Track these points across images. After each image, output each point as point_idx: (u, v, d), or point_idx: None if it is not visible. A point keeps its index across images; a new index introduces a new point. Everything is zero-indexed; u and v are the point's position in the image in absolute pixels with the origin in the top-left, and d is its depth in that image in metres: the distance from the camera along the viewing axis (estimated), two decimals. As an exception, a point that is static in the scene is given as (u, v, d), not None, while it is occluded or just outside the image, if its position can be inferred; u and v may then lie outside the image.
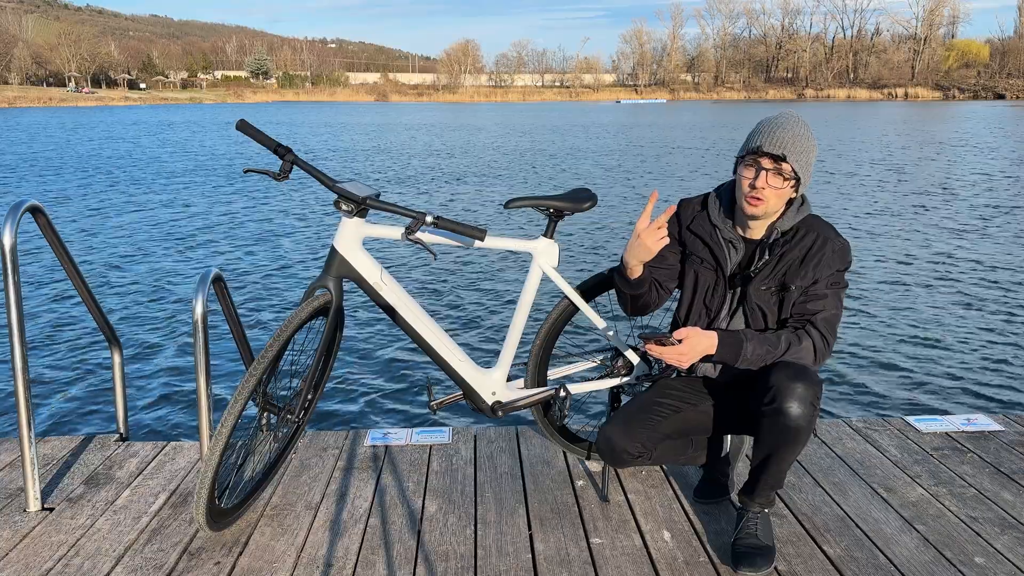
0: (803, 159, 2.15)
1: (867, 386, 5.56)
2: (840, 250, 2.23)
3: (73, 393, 5.49)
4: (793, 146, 2.12)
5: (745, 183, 2.18)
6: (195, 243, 10.89)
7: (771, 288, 2.26)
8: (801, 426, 2.10)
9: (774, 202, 2.17)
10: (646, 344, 2.22)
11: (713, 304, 2.35)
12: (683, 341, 2.17)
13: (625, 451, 2.34)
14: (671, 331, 2.35)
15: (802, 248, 2.22)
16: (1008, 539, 2.40)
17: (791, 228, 2.24)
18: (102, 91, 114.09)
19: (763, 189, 2.14)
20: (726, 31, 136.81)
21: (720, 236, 2.31)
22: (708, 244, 2.33)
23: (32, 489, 2.56)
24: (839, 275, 2.24)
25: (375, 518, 2.53)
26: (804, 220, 2.26)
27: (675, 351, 2.18)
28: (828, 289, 2.22)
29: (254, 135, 2.42)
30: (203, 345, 2.66)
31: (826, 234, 2.24)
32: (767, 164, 2.14)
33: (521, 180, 18.40)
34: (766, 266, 2.25)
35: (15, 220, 2.42)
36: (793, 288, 2.23)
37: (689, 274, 2.39)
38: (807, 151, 2.15)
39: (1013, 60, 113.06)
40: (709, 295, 2.35)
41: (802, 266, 2.22)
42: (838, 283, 2.24)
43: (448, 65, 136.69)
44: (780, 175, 2.14)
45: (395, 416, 5.15)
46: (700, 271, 2.36)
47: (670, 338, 2.18)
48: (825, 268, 2.21)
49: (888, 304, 7.64)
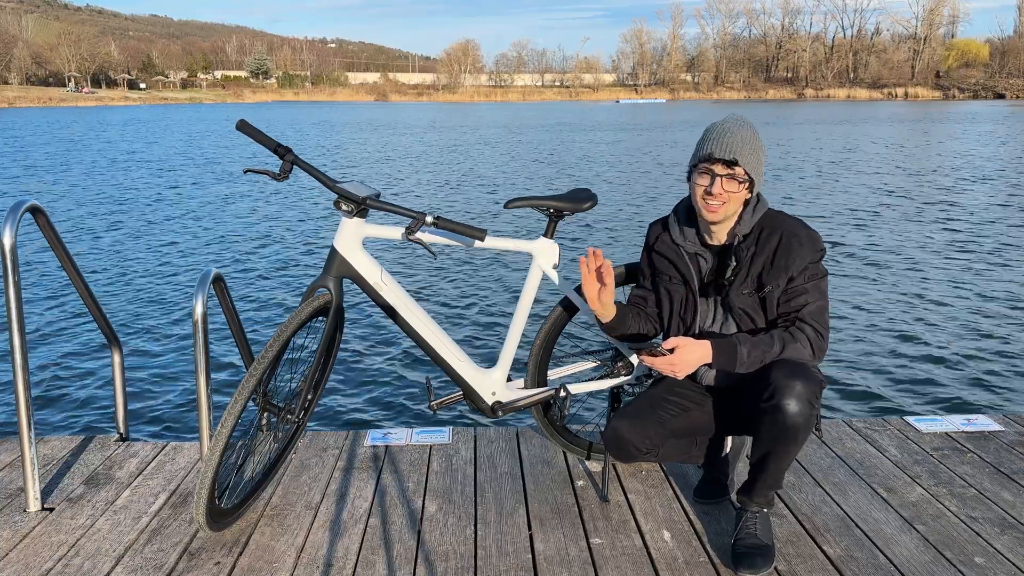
0: (754, 160, 2.20)
1: (867, 386, 5.56)
2: (808, 240, 2.23)
3: (73, 393, 5.49)
4: (743, 149, 2.17)
5: (700, 191, 2.23)
6: (195, 243, 10.89)
7: (750, 291, 2.27)
8: (799, 424, 2.10)
9: (732, 206, 2.23)
10: (639, 354, 2.28)
11: (687, 317, 2.39)
12: (674, 351, 2.21)
13: (632, 445, 2.35)
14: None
15: (770, 248, 2.24)
16: (1008, 539, 2.40)
17: (752, 229, 2.27)
18: (102, 91, 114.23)
19: (720, 195, 2.19)
20: (726, 31, 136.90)
21: (684, 252, 2.36)
22: (672, 261, 2.40)
23: (32, 489, 2.56)
24: (815, 266, 2.24)
25: (375, 518, 2.53)
26: (764, 218, 2.28)
27: (666, 361, 2.22)
28: (808, 283, 2.23)
29: (254, 135, 2.42)
30: (203, 345, 2.67)
31: (791, 229, 2.25)
32: (720, 170, 2.19)
33: (521, 180, 18.40)
34: (739, 272, 2.27)
35: (15, 220, 2.42)
36: (769, 288, 2.24)
37: (662, 293, 2.46)
38: (756, 152, 2.20)
39: (1013, 60, 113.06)
40: (683, 309, 2.40)
41: (774, 266, 2.23)
42: (816, 274, 2.24)
43: (448, 65, 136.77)
44: (734, 179, 2.19)
45: (395, 416, 5.15)
46: (671, 288, 2.42)
47: (660, 348, 2.22)
48: (797, 261, 2.21)
49: (888, 304, 7.65)
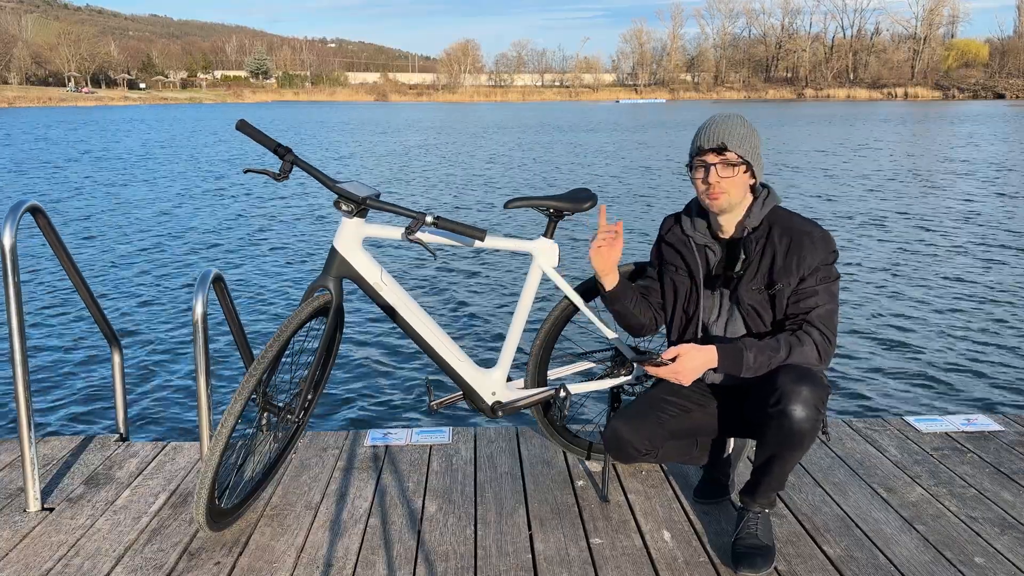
0: (745, 145, 2.22)
1: (867, 386, 5.56)
2: (821, 241, 2.23)
3: (73, 393, 5.49)
4: (730, 134, 2.21)
5: (699, 183, 2.27)
6: (195, 243, 10.89)
7: (760, 287, 2.27)
8: (805, 429, 2.09)
9: (734, 192, 2.24)
10: (642, 365, 2.29)
11: (690, 310, 2.40)
12: (677, 359, 2.21)
13: (632, 446, 2.36)
14: (667, 340, 2.46)
15: (782, 245, 2.24)
16: (1008, 539, 2.40)
17: (761, 223, 2.28)
18: (102, 91, 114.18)
19: (717, 183, 2.22)
20: (726, 31, 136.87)
21: (693, 243, 2.38)
22: (680, 252, 2.42)
23: (32, 489, 2.56)
24: (827, 268, 2.23)
25: (375, 518, 2.53)
26: (775, 215, 2.28)
27: (670, 370, 2.22)
28: (819, 285, 2.22)
29: (254, 135, 2.42)
30: (203, 345, 2.67)
31: (804, 227, 2.25)
32: (712, 159, 2.23)
33: (521, 180, 18.40)
34: (748, 266, 2.27)
35: (15, 220, 2.42)
36: (780, 286, 2.23)
37: (668, 283, 2.47)
38: (747, 138, 2.23)
39: (1013, 60, 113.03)
40: (686, 302, 2.42)
41: (785, 263, 2.23)
42: (828, 276, 2.23)
43: (448, 65, 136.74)
44: (728, 164, 2.22)
45: (395, 416, 5.15)
46: (676, 279, 2.44)
47: (659, 357, 2.23)
48: (808, 260, 2.21)
49: (888, 304, 7.65)
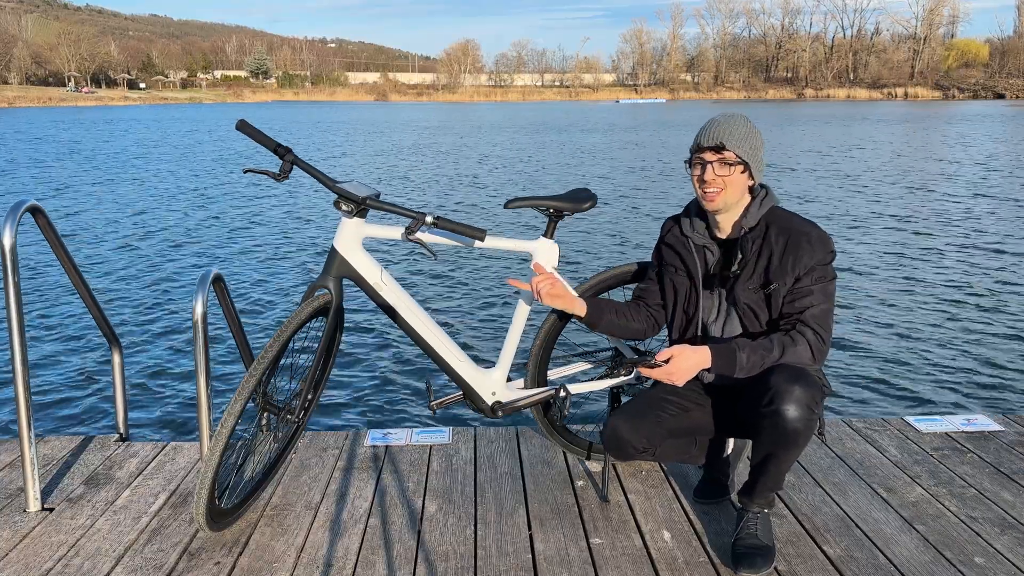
0: (744, 145, 2.22)
1: (867, 386, 5.56)
2: (818, 241, 2.23)
3: (73, 393, 5.49)
4: (729, 134, 2.21)
5: (696, 181, 2.28)
6: (195, 243, 10.89)
7: (756, 287, 2.27)
8: (798, 428, 2.09)
9: (731, 191, 2.24)
10: (636, 367, 2.31)
11: (690, 310, 2.41)
12: (670, 360, 2.23)
13: (630, 444, 2.37)
14: (668, 340, 2.47)
15: (779, 245, 2.24)
16: (1008, 539, 2.40)
17: (759, 223, 2.28)
18: (102, 91, 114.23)
19: (713, 181, 2.23)
20: (726, 31, 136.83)
21: (691, 244, 2.39)
22: (679, 252, 2.43)
23: (32, 489, 2.56)
24: (823, 268, 2.23)
25: (375, 518, 2.53)
26: (773, 214, 2.28)
27: (663, 371, 2.24)
28: (814, 284, 2.22)
29: (254, 135, 2.42)
30: (203, 345, 2.67)
31: (802, 228, 2.25)
32: (709, 157, 2.24)
33: (521, 180, 18.40)
34: (745, 265, 2.28)
35: (15, 220, 2.42)
36: (775, 285, 2.24)
37: (668, 284, 2.48)
38: (746, 137, 2.23)
39: (1013, 60, 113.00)
40: (686, 302, 2.43)
41: (782, 263, 2.23)
42: (824, 276, 2.23)
43: (448, 65, 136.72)
44: (725, 163, 2.23)
45: (395, 416, 5.15)
46: (675, 280, 2.46)
47: (653, 360, 2.24)
48: (805, 260, 2.21)
49: (888, 304, 7.65)
